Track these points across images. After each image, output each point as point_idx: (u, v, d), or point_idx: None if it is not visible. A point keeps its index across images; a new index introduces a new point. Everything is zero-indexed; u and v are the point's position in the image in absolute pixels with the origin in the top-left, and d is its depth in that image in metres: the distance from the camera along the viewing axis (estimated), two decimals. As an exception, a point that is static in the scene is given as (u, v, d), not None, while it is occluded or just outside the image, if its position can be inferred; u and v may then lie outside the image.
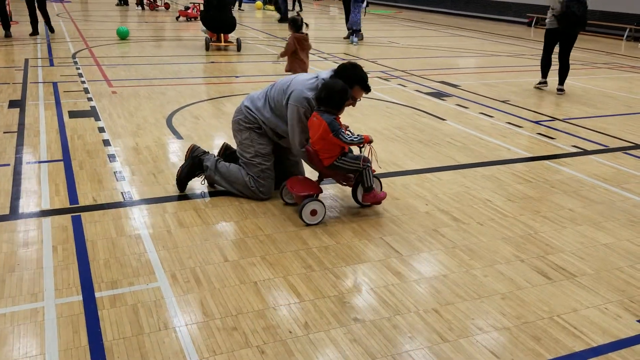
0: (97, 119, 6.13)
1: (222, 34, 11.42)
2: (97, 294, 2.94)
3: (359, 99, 4.07)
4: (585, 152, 5.74)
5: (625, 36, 17.09)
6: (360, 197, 4.12)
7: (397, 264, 3.40)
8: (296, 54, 7.42)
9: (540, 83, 8.89)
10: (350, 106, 4.07)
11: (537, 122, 6.83)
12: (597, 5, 16.80)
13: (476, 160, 5.35)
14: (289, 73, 7.36)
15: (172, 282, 3.08)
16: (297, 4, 22.87)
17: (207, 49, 11.29)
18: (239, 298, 2.97)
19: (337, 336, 2.71)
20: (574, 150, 5.80)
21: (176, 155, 5.12)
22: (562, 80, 8.63)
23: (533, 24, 20.03)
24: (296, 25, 7.44)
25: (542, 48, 8.81)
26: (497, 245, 3.70)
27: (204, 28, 11.37)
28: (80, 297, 2.90)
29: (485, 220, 4.06)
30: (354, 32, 13.52)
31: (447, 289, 3.17)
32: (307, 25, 12.72)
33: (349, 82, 3.91)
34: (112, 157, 4.96)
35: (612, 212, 4.30)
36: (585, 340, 2.77)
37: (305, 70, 7.55)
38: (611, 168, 5.31)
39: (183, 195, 4.25)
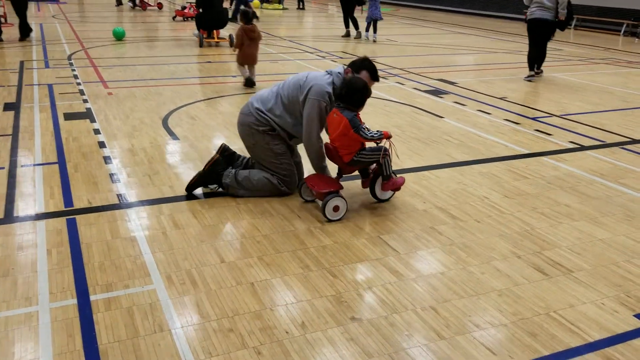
0: (93, 120, 6.12)
1: (213, 31, 11.93)
2: (92, 297, 2.93)
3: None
4: (582, 148, 5.73)
5: (622, 31, 17.08)
6: (379, 188, 4.17)
7: (394, 263, 3.39)
8: (245, 46, 7.86)
9: (530, 76, 9.34)
10: None
11: (534, 119, 6.82)
12: (595, 1, 16.79)
13: (474, 157, 5.33)
14: (244, 68, 7.95)
15: (167, 284, 3.07)
16: (300, 2, 22.88)
17: (200, 45, 11.73)
18: (235, 299, 2.96)
19: (334, 336, 2.70)
20: (571, 146, 5.79)
21: (172, 156, 5.11)
22: (540, 64, 9.52)
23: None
24: (246, 17, 7.94)
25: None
26: (494, 242, 3.69)
27: (197, 32, 11.96)
28: (75, 301, 2.89)
29: (483, 217, 4.05)
30: (371, 26, 13.52)
31: (444, 286, 3.16)
32: (257, 18, 12.81)
33: (358, 68, 4.04)
34: (107, 159, 4.95)
35: (609, 208, 4.29)
36: (581, 336, 2.76)
37: (253, 61, 8.01)
38: (608, 163, 5.29)
39: (179, 196, 4.23)
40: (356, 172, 4.26)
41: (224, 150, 4.38)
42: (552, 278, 3.28)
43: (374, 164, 4.12)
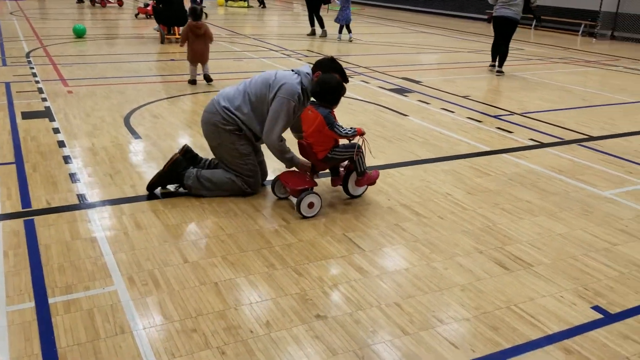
0: (52, 119, 5.98)
1: (173, 27, 11.98)
2: (50, 300, 2.86)
3: None
4: (542, 145, 5.85)
5: (580, 31, 17.51)
6: (353, 184, 4.21)
7: (359, 260, 3.41)
8: (192, 43, 7.81)
9: (492, 66, 10.11)
10: None
11: (496, 117, 6.94)
12: (553, 2, 17.18)
13: (437, 155, 5.40)
14: (194, 66, 7.95)
15: (129, 285, 3.01)
16: (261, 1, 22.72)
17: (162, 41, 11.75)
18: (199, 299, 2.93)
19: (299, 334, 2.69)
20: (531, 143, 5.91)
21: (134, 155, 5.03)
22: (501, 63, 9.88)
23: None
24: (194, 14, 7.87)
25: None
26: (457, 238, 3.74)
27: (157, 27, 12.02)
28: (33, 304, 2.82)
29: (446, 214, 4.10)
30: (344, 27, 13.53)
31: (408, 282, 3.19)
32: (206, 15, 12.76)
33: (327, 71, 4.04)
34: (67, 159, 4.84)
35: (568, 203, 4.39)
36: (541, 328, 2.82)
37: (203, 58, 7.90)
38: (567, 160, 5.42)
39: (141, 196, 4.17)
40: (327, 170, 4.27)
41: (186, 152, 4.30)
42: (513, 272, 3.34)
43: (347, 162, 4.14)
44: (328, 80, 3.89)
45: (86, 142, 5.31)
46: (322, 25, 14.00)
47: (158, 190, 4.25)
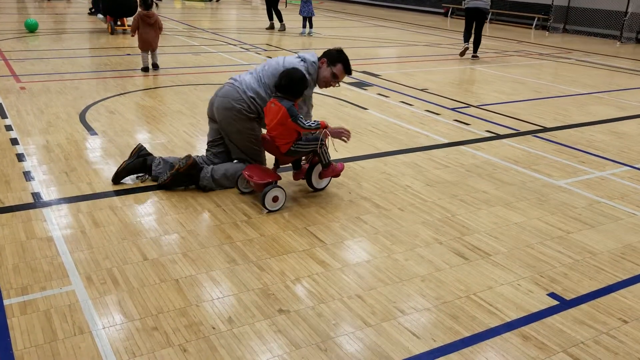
0: (4, 116, 5.79)
1: (120, 18, 12.08)
2: (5, 302, 2.78)
3: (340, 81, 4.31)
4: (498, 137, 5.98)
5: (534, 25, 17.92)
6: (317, 176, 4.26)
7: (321, 253, 3.42)
8: (142, 31, 8.10)
9: (465, 49, 11.03)
10: (332, 86, 4.34)
11: (453, 109, 7.05)
12: (508, -4, 17.52)
13: (397, 147, 5.45)
14: (146, 53, 8.28)
15: (87, 285, 2.96)
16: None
17: (112, 32, 11.91)
18: (159, 297, 2.90)
19: (261, 328, 2.69)
20: (488, 135, 6.03)
21: (91, 152, 4.92)
22: (476, 49, 11.08)
23: (449, 14, 20.63)
24: (145, 3, 8.16)
25: (458, 38, 9.38)
26: (417, 229, 3.79)
27: (102, 16, 12.20)
28: (-13, 306, 2.74)
29: (406, 206, 4.15)
30: (308, 21, 13.44)
31: (370, 274, 3.22)
32: (157, 5, 12.79)
33: (333, 60, 4.20)
34: (20, 157, 4.70)
35: (523, 193, 4.51)
36: (499, 316, 2.89)
37: (152, 46, 8.25)
38: (522, 151, 5.56)
39: (98, 193, 4.08)
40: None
41: (139, 150, 4.31)
42: (472, 262, 3.41)
43: (310, 155, 4.16)
44: (293, 73, 3.90)
45: (40, 139, 5.17)
46: (280, 19, 13.93)
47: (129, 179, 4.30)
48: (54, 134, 5.34)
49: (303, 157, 4.28)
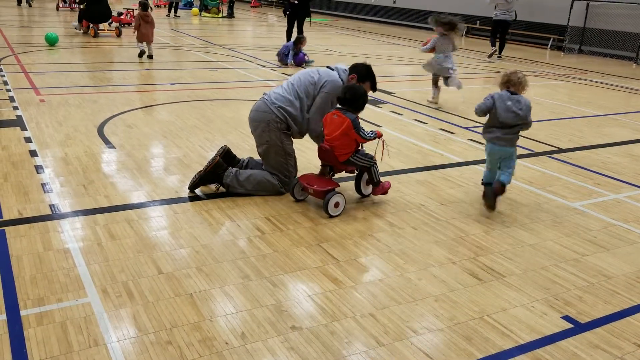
0: (24, 128, 5.89)
1: (98, 24, 13.64)
2: (22, 312, 2.82)
3: None
4: (513, 157, 5.96)
5: (549, 45, 17.91)
6: (367, 191, 4.57)
7: (334, 270, 3.43)
8: (141, 27, 10.51)
9: (493, 52, 14.13)
10: None
11: (467, 128, 7.05)
12: (523, 16, 17.53)
13: (411, 165, 5.46)
14: (142, 44, 10.72)
15: (103, 297, 2.99)
16: (230, 10, 22.58)
17: (84, 33, 13.64)
18: (173, 311, 2.92)
19: (274, 345, 2.70)
20: (503, 154, 6.01)
21: (108, 165, 4.98)
22: (500, 51, 14.32)
23: (464, 34, 20.68)
24: (143, 6, 10.70)
25: (473, 57, 9.45)
26: (431, 249, 3.79)
27: (76, 23, 13.99)
28: (4, 317, 2.77)
29: (419, 225, 4.15)
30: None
31: (382, 293, 3.22)
32: (151, 8, 13.36)
33: (363, 77, 4.52)
34: (39, 169, 4.77)
35: (538, 214, 4.49)
36: (513, 338, 2.88)
37: (149, 39, 10.68)
38: (537, 172, 5.54)
39: (115, 206, 4.13)
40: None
41: (226, 154, 4.58)
42: (486, 283, 3.40)
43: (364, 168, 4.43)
44: (357, 89, 4.24)
45: (59, 151, 5.24)
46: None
47: (199, 190, 4.47)
48: (72, 146, 5.41)
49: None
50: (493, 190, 4.25)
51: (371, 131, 4.28)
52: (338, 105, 4.30)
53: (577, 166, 5.78)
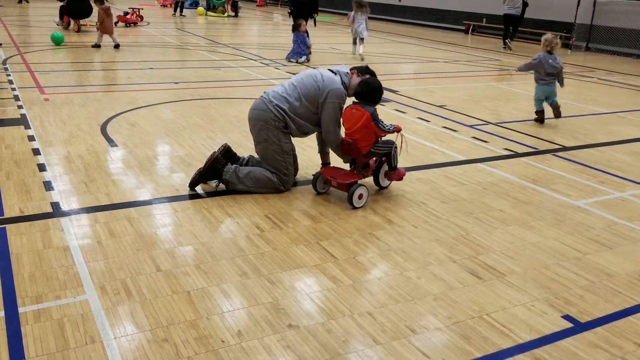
0: (28, 127, 5.91)
1: (78, 20, 14.34)
2: (20, 309, 2.82)
3: None
4: (516, 155, 5.94)
5: (556, 43, 17.79)
6: (384, 177, 4.66)
7: (332, 269, 3.42)
8: (104, 21, 11.46)
9: (506, 40, 15.83)
10: None
11: (471, 126, 7.02)
12: (531, 14, 17.45)
13: (412, 164, 5.44)
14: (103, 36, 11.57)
15: (100, 295, 2.99)
16: (234, 9, 22.54)
17: (66, 28, 14.30)
18: (170, 308, 2.92)
19: (270, 343, 2.69)
20: (506, 152, 5.99)
21: (110, 163, 4.99)
22: (512, 39, 15.91)
23: (470, 32, 20.60)
24: (101, 1, 11.69)
25: (479, 55, 9.43)
26: (431, 247, 3.77)
27: (57, 19, 14.57)
28: (2, 313, 2.78)
29: (420, 223, 4.13)
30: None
31: (381, 291, 3.20)
32: (108, 0, 13.89)
33: (363, 71, 4.60)
34: (41, 167, 4.79)
35: (540, 212, 4.46)
36: (512, 338, 2.85)
37: (111, 31, 11.79)
38: (540, 170, 5.50)
39: (116, 204, 4.14)
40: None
41: (226, 151, 4.59)
42: (486, 282, 3.38)
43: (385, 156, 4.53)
44: (371, 82, 4.38)
45: (62, 150, 5.26)
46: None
47: (199, 188, 4.49)
48: (75, 145, 5.43)
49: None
50: (554, 105, 7.25)
51: (390, 124, 4.37)
52: (355, 100, 4.38)
53: (581, 164, 5.74)
